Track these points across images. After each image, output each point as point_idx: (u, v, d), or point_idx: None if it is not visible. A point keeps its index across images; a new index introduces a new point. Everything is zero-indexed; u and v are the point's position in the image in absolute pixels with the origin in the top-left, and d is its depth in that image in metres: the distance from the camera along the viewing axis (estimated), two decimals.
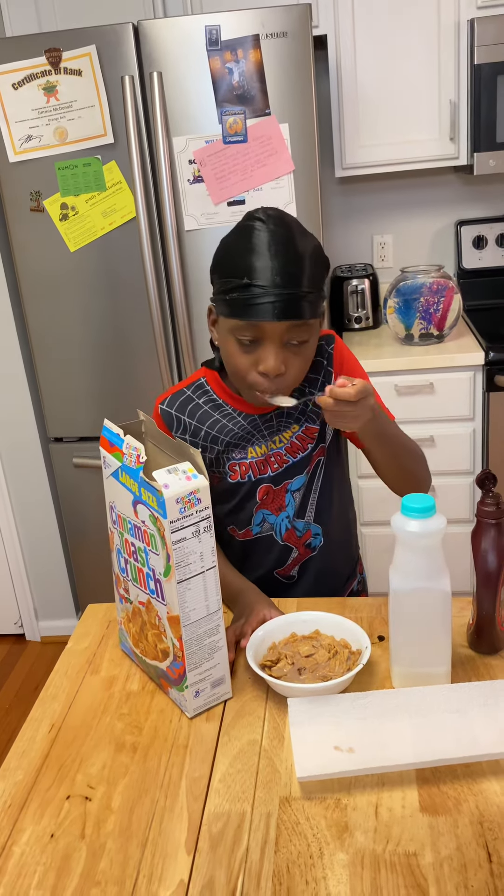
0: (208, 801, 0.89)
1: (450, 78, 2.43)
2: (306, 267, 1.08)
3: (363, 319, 2.81)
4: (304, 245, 1.09)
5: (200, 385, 1.30)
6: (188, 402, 1.28)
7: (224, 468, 1.28)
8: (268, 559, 1.34)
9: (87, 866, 0.82)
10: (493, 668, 1.07)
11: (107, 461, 1.05)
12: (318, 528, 1.33)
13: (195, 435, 1.27)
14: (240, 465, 1.28)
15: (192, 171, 2.14)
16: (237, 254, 1.09)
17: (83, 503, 2.56)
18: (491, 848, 0.80)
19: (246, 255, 1.08)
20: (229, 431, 1.26)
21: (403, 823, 0.83)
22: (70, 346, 2.37)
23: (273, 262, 1.06)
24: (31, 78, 2.09)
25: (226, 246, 1.13)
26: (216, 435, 1.27)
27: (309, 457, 1.29)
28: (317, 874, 0.78)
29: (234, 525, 1.33)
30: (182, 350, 2.31)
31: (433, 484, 2.51)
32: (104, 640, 1.22)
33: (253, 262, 1.07)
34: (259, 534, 1.32)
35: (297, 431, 1.28)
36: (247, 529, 1.33)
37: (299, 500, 1.30)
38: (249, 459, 1.27)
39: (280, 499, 1.29)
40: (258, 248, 1.07)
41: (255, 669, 1.02)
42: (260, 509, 1.30)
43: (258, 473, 1.28)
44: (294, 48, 2.04)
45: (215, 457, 1.28)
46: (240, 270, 1.08)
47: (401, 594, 0.99)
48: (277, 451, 1.27)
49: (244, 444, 1.27)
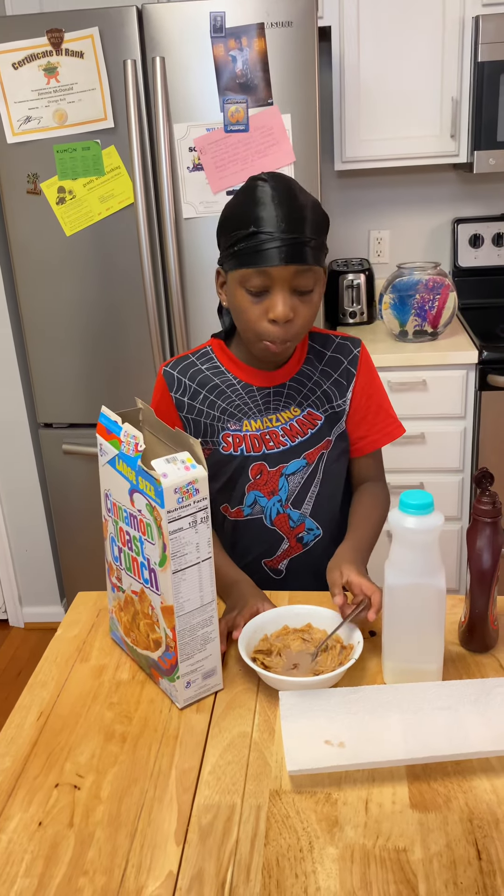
0: (198, 792, 0.89)
1: (452, 75, 2.42)
2: (308, 216, 1.14)
3: (358, 314, 2.80)
4: (305, 198, 1.15)
5: (206, 353, 1.33)
6: (191, 367, 1.32)
7: (218, 437, 1.29)
8: (256, 545, 1.34)
9: (75, 855, 0.82)
10: (484, 667, 1.07)
11: (103, 449, 1.04)
12: (313, 524, 1.33)
13: (193, 398, 1.29)
14: (233, 437, 1.28)
15: (192, 158, 2.13)
16: (242, 208, 1.15)
17: (71, 490, 2.54)
18: (480, 845, 0.80)
19: (251, 208, 1.13)
20: (227, 398, 1.29)
21: (393, 819, 0.83)
22: (63, 332, 2.35)
23: (277, 210, 1.12)
24: (32, 58, 2.06)
25: (230, 206, 1.19)
26: (214, 399, 1.29)
27: (309, 444, 1.29)
28: (306, 868, 0.78)
29: (226, 503, 1.33)
30: (176, 339, 2.30)
31: (423, 481, 2.52)
32: (94, 629, 1.21)
33: (259, 213, 1.13)
34: (249, 515, 1.32)
35: (297, 415, 1.28)
36: (238, 508, 1.33)
37: (296, 487, 1.30)
38: (244, 432, 1.28)
39: (273, 482, 1.29)
40: (262, 200, 1.13)
41: (246, 661, 1.02)
42: (252, 490, 1.30)
43: (250, 449, 1.28)
44: (298, 38, 2.03)
45: (210, 423, 1.29)
46: (246, 222, 1.13)
47: (396, 590, 0.99)
48: (274, 430, 1.28)
49: (240, 415, 1.28)
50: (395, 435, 1.37)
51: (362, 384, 1.32)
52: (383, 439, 1.36)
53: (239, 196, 1.17)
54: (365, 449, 1.36)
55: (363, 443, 1.35)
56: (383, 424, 1.36)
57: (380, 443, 1.36)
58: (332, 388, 1.31)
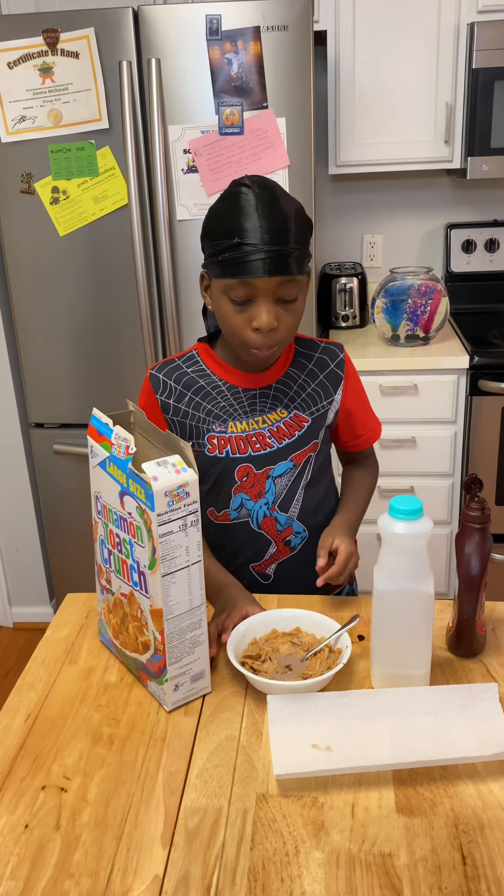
0: (185, 795, 0.89)
1: (447, 81, 2.43)
2: (292, 225, 1.14)
3: (350, 318, 2.81)
4: (289, 206, 1.15)
5: (192, 356, 1.33)
6: (177, 370, 1.32)
7: (203, 439, 1.29)
8: (244, 549, 1.34)
9: (61, 858, 0.82)
10: (472, 672, 1.07)
11: (94, 451, 1.04)
12: (300, 527, 1.33)
13: (179, 400, 1.30)
14: (219, 439, 1.28)
15: (187, 160, 2.13)
16: (226, 217, 1.14)
17: (62, 490, 2.54)
18: (465, 851, 0.80)
19: (235, 217, 1.13)
20: (212, 400, 1.29)
21: (379, 824, 0.84)
22: (55, 332, 2.35)
23: (261, 221, 1.12)
24: (27, 58, 2.05)
25: (214, 212, 1.18)
26: (199, 401, 1.29)
27: (296, 446, 1.30)
28: (292, 872, 0.79)
29: (213, 506, 1.34)
30: (169, 340, 2.30)
31: (413, 485, 2.53)
32: (83, 630, 1.21)
33: (242, 223, 1.12)
34: (236, 519, 1.32)
35: (284, 417, 1.29)
36: (224, 512, 1.33)
37: (283, 490, 1.31)
38: (229, 434, 1.28)
39: (260, 484, 1.30)
40: (246, 210, 1.13)
41: (235, 665, 1.02)
42: (239, 492, 1.30)
43: (236, 451, 1.28)
44: (294, 42, 2.03)
45: (196, 424, 1.29)
46: (230, 231, 1.13)
47: (384, 594, 1.00)
48: (260, 432, 1.28)
49: (225, 416, 1.29)
50: (379, 432, 1.45)
51: (351, 387, 1.36)
52: (374, 437, 1.44)
53: (223, 203, 1.17)
54: (361, 446, 1.44)
55: (359, 441, 1.42)
56: (371, 423, 1.43)
57: (372, 440, 1.44)
58: (318, 390, 1.32)
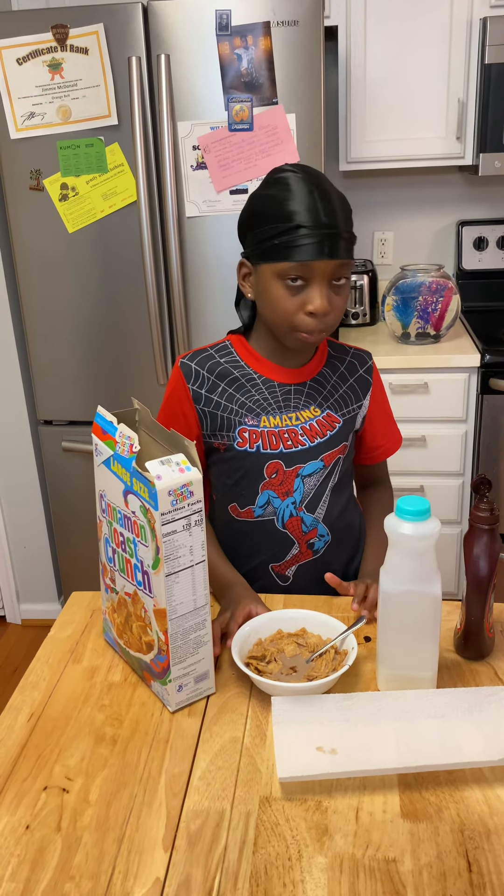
0: (187, 797, 0.88)
1: (459, 76, 2.41)
2: (342, 209, 1.14)
3: (360, 315, 2.79)
4: (334, 189, 1.15)
5: (224, 346, 1.31)
6: (209, 359, 1.29)
7: (234, 432, 1.27)
8: (265, 548, 1.32)
9: (61, 860, 0.81)
10: (479, 675, 1.06)
11: (99, 449, 1.03)
12: (325, 530, 1.32)
13: (212, 390, 1.27)
14: (250, 433, 1.26)
15: (196, 157, 2.12)
16: (279, 201, 1.13)
17: (70, 487, 2.54)
18: (471, 857, 0.79)
19: (287, 201, 1.12)
20: (246, 392, 1.27)
21: (384, 828, 0.83)
22: (64, 329, 2.34)
23: (318, 203, 1.11)
24: (37, 54, 2.05)
25: (260, 199, 1.16)
26: (233, 393, 1.27)
27: (328, 446, 1.28)
28: (295, 877, 0.77)
29: (235, 502, 1.31)
30: (177, 338, 2.29)
31: (423, 484, 2.51)
32: (87, 629, 1.20)
33: (297, 206, 1.11)
34: (261, 517, 1.30)
35: (318, 415, 1.28)
36: (249, 508, 1.30)
37: (311, 490, 1.29)
38: (261, 428, 1.26)
39: (289, 483, 1.28)
40: (299, 193, 1.11)
41: (239, 666, 1.01)
42: (266, 489, 1.28)
43: (267, 446, 1.26)
44: (304, 38, 2.02)
45: (228, 416, 1.27)
46: (283, 215, 1.12)
47: (391, 596, 0.98)
48: (293, 429, 1.26)
49: (259, 410, 1.27)
50: (399, 444, 1.44)
51: (377, 394, 1.36)
52: (393, 448, 1.42)
53: (269, 188, 1.15)
54: (379, 458, 1.42)
55: (378, 451, 1.41)
56: (391, 434, 1.42)
57: (391, 451, 1.42)
58: (349, 393, 1.31)
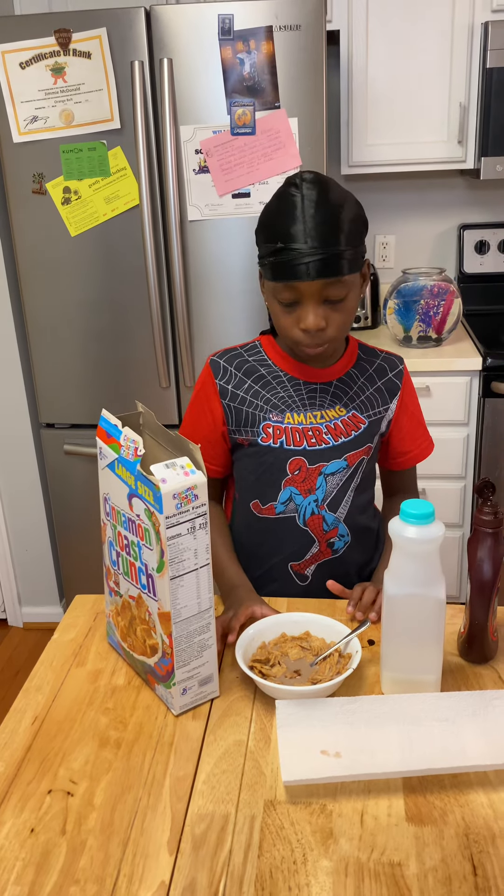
0: (192, 801, 0.88)
1: (461, 80, 2.42)
2: (338, 225, 1.13)
3: (362, 319, 2.79)
4: (337, 205, 1.14)
5: (254, 346, 1.34)
6: (238, 357, 1.32)
7: (258, 427, 1.28)
8: (286, 546, 1.32)
9: (66, 863, 0.81)
10: (483, 678, 1.06)
11: (103, 452, 1.03)
12: (345, 530, 1.32)
13: (238, 387, 1.29)
14: (274, 429, 1.27)
15: (198, 160, 2.12)
16: (273, 219, 1.15)
17: (72, 490, 2.54)
18: (476, 861, 0.79)
19: (280, 220, 1.14)
20: (272, 389, 1.29)
21: (389, 832, 0.82)
22: (66, 332, 2.35)
23: (304, 224, 1.12)
24: (40, 58, 2.05)
25: (266, 213, 1.19)
26: (258, 390, 1.29)
27: (352, 446, 1.29)
28: (300, 880, 0.77)
29: (258, 499, 1.32)
30: (180, 341, 2.29)
31: (425, 487, 2.51)
32: (91, 633, 1.20)
33: (286, 227, 1.13)
34: (282, 513, 1.30)
35: (343, 415, 1.28)
36: (270, 505, 1.31)
37: (333, 489, 1.29)
38: (285, 424, 1.27)
39: (311, 480, 1.28)
40: (290, 212, 1.13)
41: (243, 669, 1.01)
42: (289, 486, 1.29)
43: (290, 442, 1.27)
44: (307, 42, 2.02)
45: (253, 412, 1.28)
46: (275, 235, 1.14)
47: (395, 599, 0.98)
48: (317, 427, 1.27)
49: (284, 407, 1.28)
50: (430, 450, 1.42)
51: (406, 399, 1.35)
52: (423, 454, 1.41)
53: (274, 203, 1.17)
54: (407, 463, 1.41)
55: (407, 457, 1.40)
56: (422, 440, 1.41)
57: (420, 457, 1.41)
58: (376, 395, 1.31)
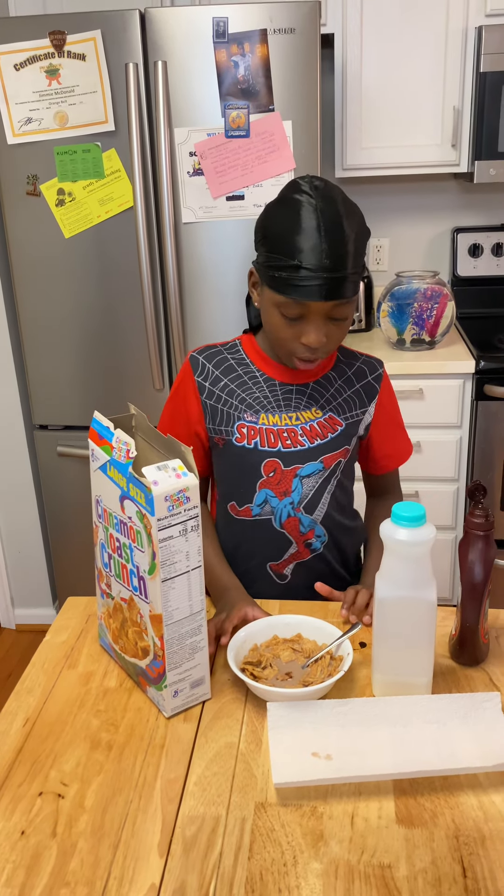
0: (183, 803, 0.88)
1: (455, 84, 2.42)
2: (351, 248, 1.11)
3: (356, 322, 2.80)
4: (351, 224, 1.11)
5: (234, 345, 1.34)
6: (217, 355, 1.32)
7: (232, 427, 1.28)
8: (263, 548, 1.32)
9: (57, 865, 0.81)
10: (474, 681, 1.06)
11: (95, 454, 1.03)
12: (322, 531, 1.32)
13: (215, 384, 1.30)
14: (248, 429, 1.27)
15: (193, 163, 2.12)
16: (285, 230, 1.11)
17: (65, 492, 2.54)
18: (466, 863, 0.79)
19: (294, 234, 1.09)
20: (247, 389, 1.29)
21: (379, 834, 0.83)
22: (60, 334, 2.34)
23: (322, 244, 1.08)
24: (34, 60, 2.05)
25: (273, 218, 1.14)
26: (234, 388, 1.29)
27: (328, 448, 1.28)
28: (290, 882, 0.78)
29: (234, 500, 1.32)
30: (173, 343, 2.29)
31: (417, 490, 2.51)
32: (83, 635, 1.20)
33: (302, 244, 1.09)
34: (259, 515, 1.30)
35: (319, 417, 1.28)
36: (247, 507, 1.31)
37: (309, 491, 1.29)
38: (260, 425, 1.27)
39: (287, 482, 1.28)
40: (307, 229, 1.09)
41: (235, 671, 1.01)
42: (264, 487, 1.29)
43: (265, 443, 1.27)
44: (301, 45, 2.03)
45: (228, 410, 1.28)
46: (288, 249, 1.10)
47: (386, 602, 0.99)
48: (292, 429, 1.27)
49: (258, 407, 1.28)
50: (409, 454, 1.42)
51: (385, 402, 1.35)
52: (403, 457, 1.41)
53: (283, 206, 1.12)
54: (387, 467, 1.41)
55: (388, 460, 1.40)
56: (402, 443, 1.41)
57: (400, 461, 1.41)
58: (354, 398, 1.31)
